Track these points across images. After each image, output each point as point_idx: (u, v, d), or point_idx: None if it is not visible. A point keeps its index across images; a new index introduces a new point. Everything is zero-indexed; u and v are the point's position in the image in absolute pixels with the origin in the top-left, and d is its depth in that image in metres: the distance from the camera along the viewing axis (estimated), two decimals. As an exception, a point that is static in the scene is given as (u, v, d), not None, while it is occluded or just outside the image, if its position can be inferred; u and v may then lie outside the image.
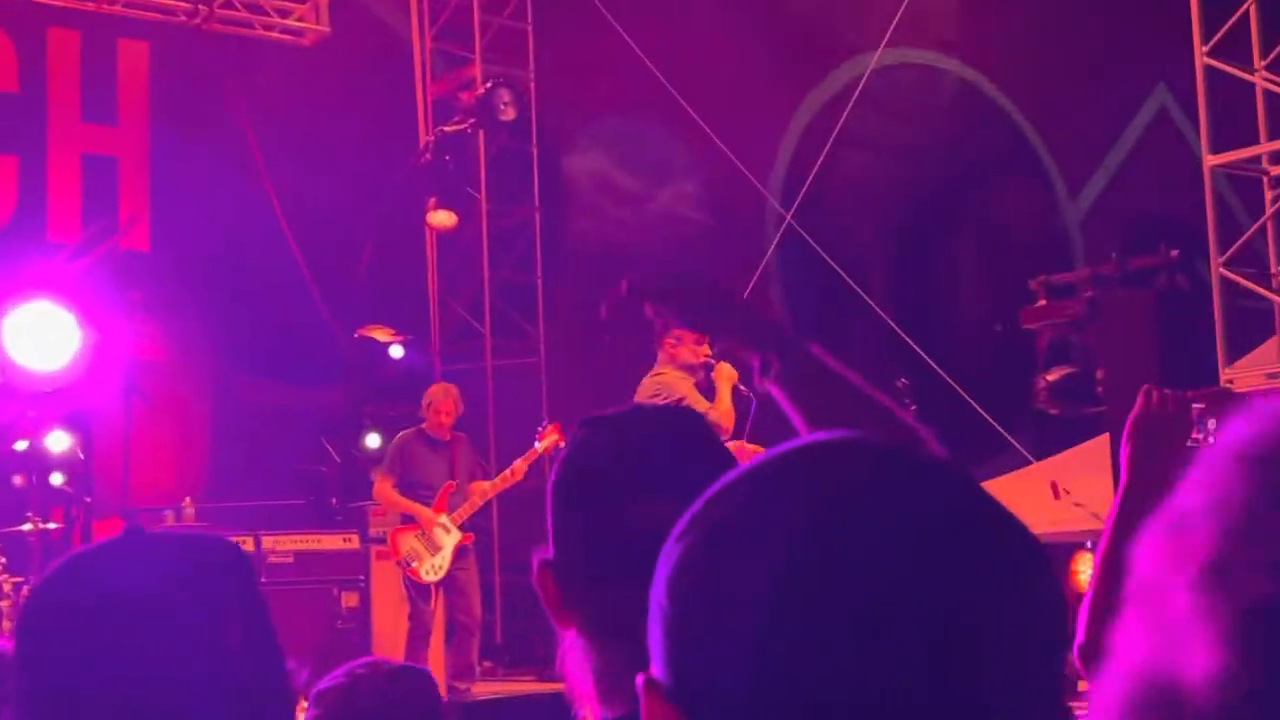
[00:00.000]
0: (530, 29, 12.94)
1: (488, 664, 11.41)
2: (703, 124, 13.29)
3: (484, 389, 12.16)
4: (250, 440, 11.39)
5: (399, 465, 9.33)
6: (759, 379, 1.79)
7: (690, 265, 14.49)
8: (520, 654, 11.48)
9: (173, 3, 11.56)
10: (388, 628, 9.62)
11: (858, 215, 15.83)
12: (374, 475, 9.62)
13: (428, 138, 11.21)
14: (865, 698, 0.81)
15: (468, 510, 9.22)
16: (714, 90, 14.57)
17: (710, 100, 14.34)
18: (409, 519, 9.23)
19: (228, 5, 11.62)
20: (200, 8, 11.45)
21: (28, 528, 8.06)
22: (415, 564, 9.13)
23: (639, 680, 0.89)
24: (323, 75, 12.04)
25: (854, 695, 0.81)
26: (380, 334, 10.62)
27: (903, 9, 12.48)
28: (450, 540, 9.17)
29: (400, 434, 9.56)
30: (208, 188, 12.08)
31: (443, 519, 9.16)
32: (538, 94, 12.87)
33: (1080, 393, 8.45)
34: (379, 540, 9.75)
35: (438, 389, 9.57)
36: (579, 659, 1.61)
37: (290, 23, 11.87)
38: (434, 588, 9.21)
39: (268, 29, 11.81)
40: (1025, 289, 9.13)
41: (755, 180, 13.85)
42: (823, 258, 13.76)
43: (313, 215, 11.91)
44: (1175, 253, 8.21)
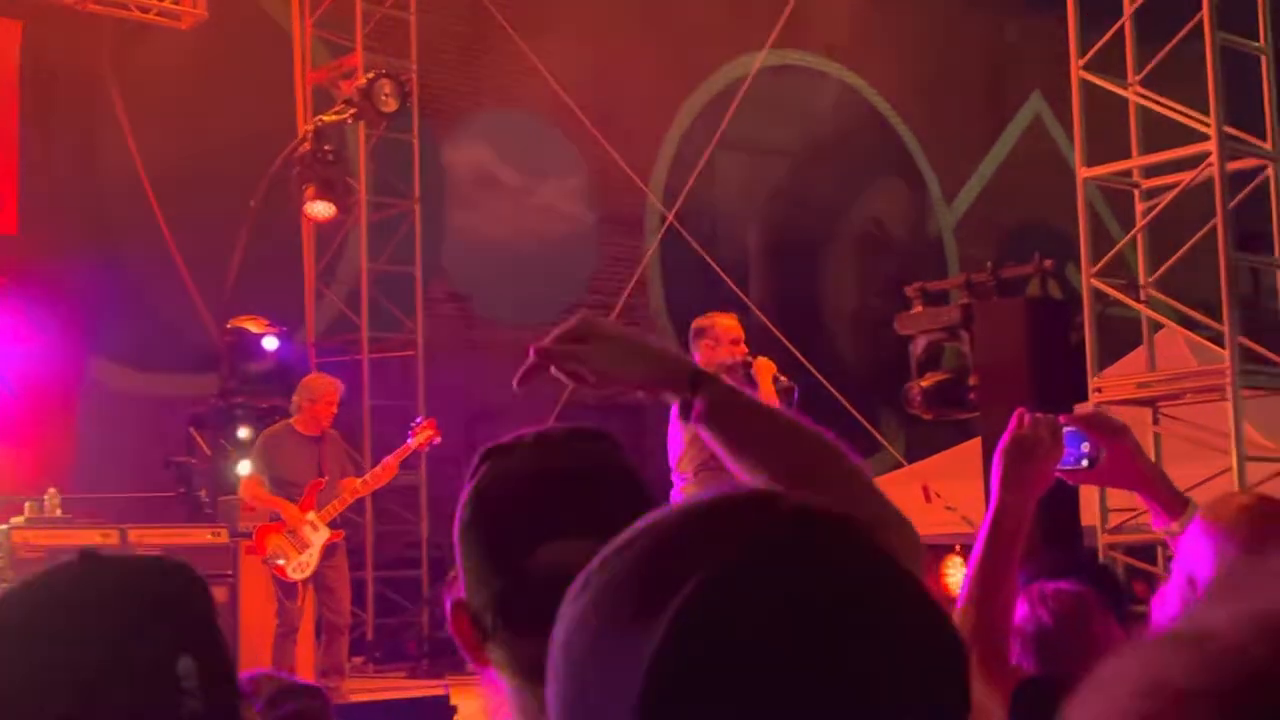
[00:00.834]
0: (413, 19, 12.83)
1: (358, 660, 11.32)
2: (585, 120, 13.27)
3: (360, 382, 12.04)
4: (118, 431, 11.17)
5: (267, 461, 9.17)
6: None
7: (572, 262, 14.48)
8: (391, 651, 11.41)
9: (47, -18, 11.30)
10: (256, 624, 9.47)
11: (739, 216, 15.92)
12: (242, 471, 9.46)
13: (306, 127, 11.05)
14: None
15: (337, 507, 9.09)
16: (598, 87, 14.55)
17: (594, 97, 14.33)
18: (277, 516, 9.09)
19: (104, -15, 11.38)
20: (75, -12, 11.20)
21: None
22: (282, 562, 8.99)
23: None
24: (200, 61, 11.84)
25: None
26: (253, 325, 10.45)
27: (787, 12, 12.56)
28: (318, 538, 9.03)
29: (268, 429, 9.39)
30: (79, 171, 11.83)
31: (310, 516, 9.02)
32: (420, 85, 12.77)
33: (953, 398, 8.55)
34: (248, 535, 9.60)
35: (327, 383, 9.36)
36: (500, 699, 1.56)
37: (168, 6, 11.64)
38: (301, 585, 9.08)
39: (144, 11, 11.57)
40: (902, 293, 9.23)
41: (637, 178, 13.86)
42: (703, 257, 13.81)
43: (187, 203, 11.72)
44: (1048, 262, 8.34)
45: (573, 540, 1.44)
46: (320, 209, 10.48)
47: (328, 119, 10.63)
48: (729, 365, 7.76)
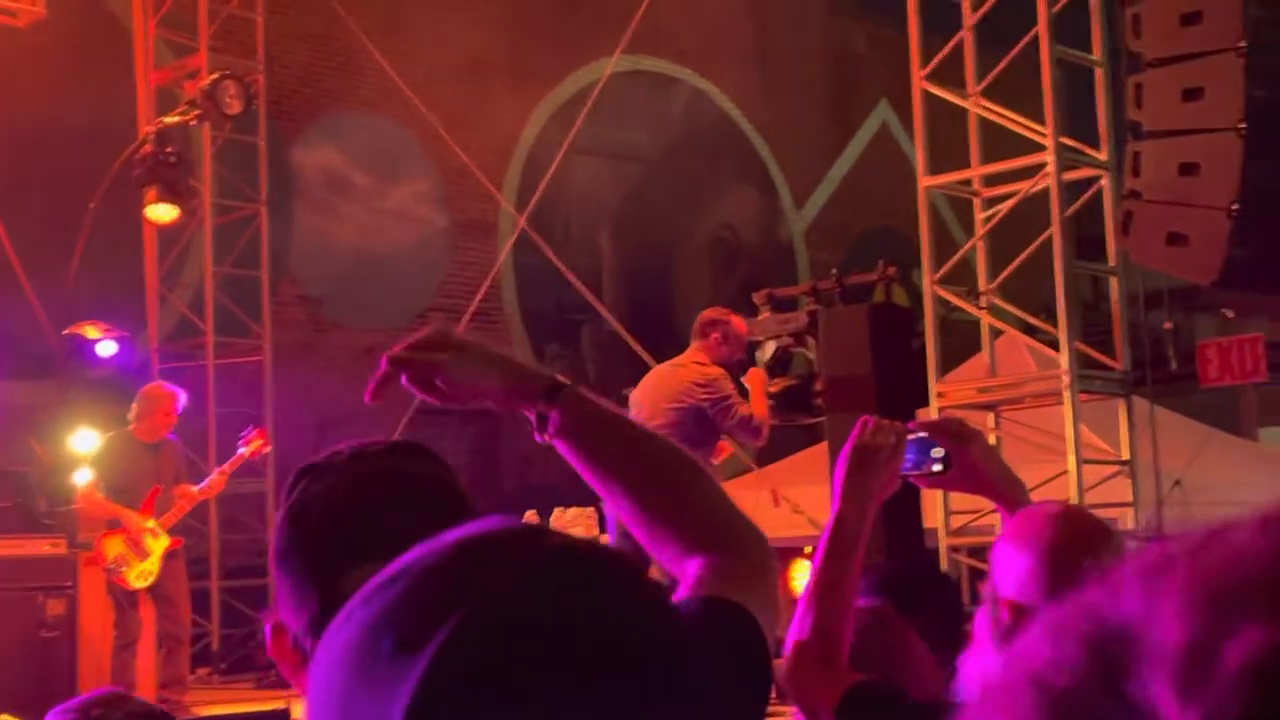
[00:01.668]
0: (259, 19, 12.64)
1: (204, 671, 11.13)
2: (435, 123, 13.18)
3: (205, 388, 11.84)
4: (-49, 439, 10.85)
5: (105, 469, 9.02)
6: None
7: (425, 266, 14.37)
8: (237, 662, 11.22)
9: (-126, -25, 10.94)
10: (95, 635, 9.28)
11: (592, 221, 15.93)
12: (80, 480, 9.25)
13: (149, 128, 10.82)
14: None
15: (175, 515, 8.97)
16: (450, 90, 14.46)
17: (446, 100, 14.23)
18: (115, 524, 8.93)
19: (-66, -19, 11.05)
20: (-96, -18, 10.86)
21: None
22: (123, 570, 8.84)
23: None
24: (38, 60, 11.55)
25: None
26: (91, 330, 10.21)
27: (638, 17, 12.59)
28: (159, 546, 8.90)
29: (107, 437, 9.23)
30: (-89, 172, 11.49)
31: (150, 524, 8.88)
32: (267, 86, 12.58)
33: (800, 403, 8.64)
34: (87, 546, 9.40)
35: (165, 392, 9.23)
36: None
37: (4, 4, 11.32)
38: (142, 595, 8.93)
39: (-21, 9, 11.26)
40: (750, 300, 9.30)
41: (489, 183, 13.79)
42: (555, 263, 13.79)
43: (25, 206, 11.42)
44: (892, 269, 8.46)
45: (388, 563, 1.42)
46: (162, 212, 10.26)
47: (170, 120, 10.42)
48: (727, 363, 7.88)
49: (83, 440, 10.38)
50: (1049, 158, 8.36)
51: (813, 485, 9.24)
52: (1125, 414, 8.61)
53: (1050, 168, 8.36)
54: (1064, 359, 8.28)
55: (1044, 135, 8.41)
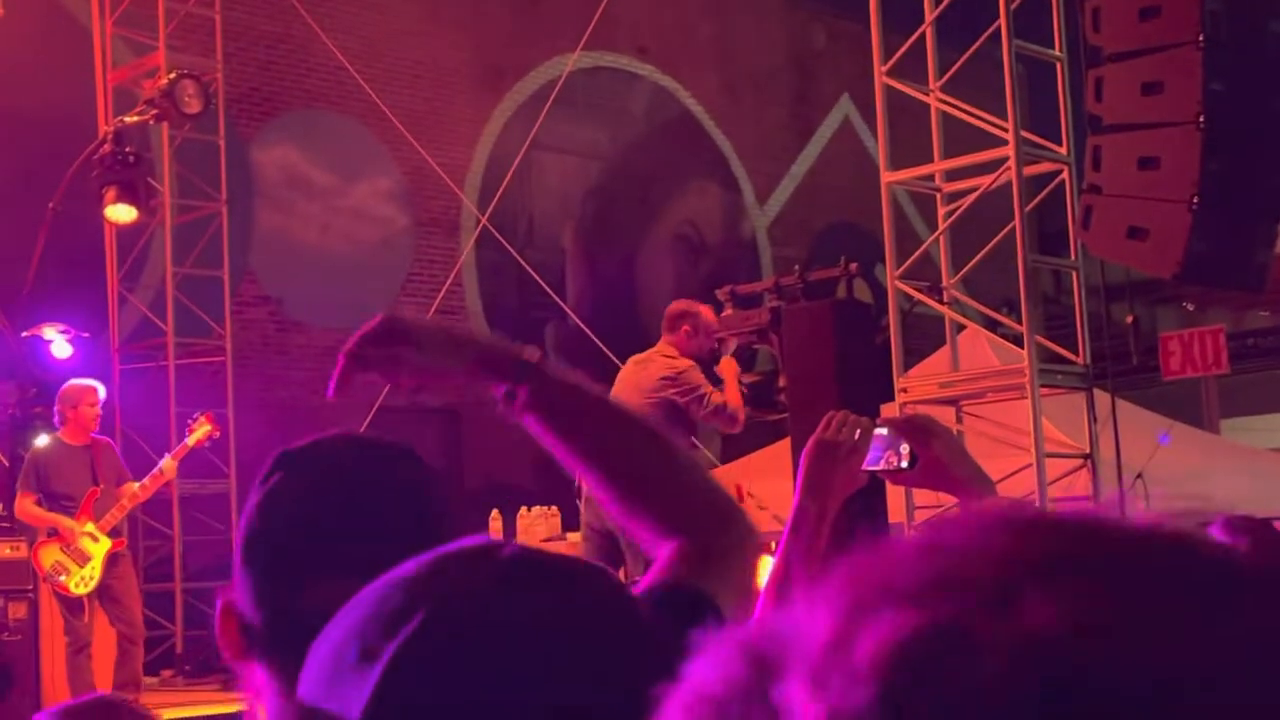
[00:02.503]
0: (218, 17, 12.56)
1: (168, 674, 11.07)
2: (395, 120, 13.13)
3: (166, 389, 11.77)
4: (-91, 442, 10.74)
5: (38, 477, 8.89)
6: (506, 410, 1.67)
7: (386, 264, 14.32)
8: (202, 664, 11.15)
9: None
10: (58, 639, 9.21)
11: (554, 218, 15.91)
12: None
13: (107, 128, 10.74)
14: None
15: (117, 515, 8.86)
16: (410, 88, 14.43)
17: (406, 98, 14.19)
18: (54, 532, 8.82)
19: (-112, -20, 10.94)
20: None
21: None
22: (63, 578, 8.74)
23: None
24: (-6, 58, 11.46)
25: None
26: (50, 331, 10.14)
27: (599, 13, 12.57)
28: (99, 549, 8.80)
29: (35, 446, 9.09)
30: None
31: (89, 527, 8.78)
32: (226, 85, 12.51)
33: (764, 399, 8.65)
34: (46, 549, 9.33)
35: (83, 387, 9.10)
36: (261, 701, 1.50)
37: (-42, 2, 11.23)
38: (86, 600, 8.83)
39: (-67, 8, 11.16)
40: (713, 296, 9.30)
41: (450, 180, 13.76)
42: (518, 260, 13.76)
43: (-19, 205, 11.33)
44: (854, 265, 8.47)
45: (349, 580, 1.41)
46: (121, 212, 10.18)
47: (129, 120, 10.34)
48: (700, 356, 7.89)
49: (43, 442, 10.30)
50: (1010, 152, 8.38)
51: (776, 480, 9.24)
52: (1088, 407, 8.64)
53: (1011, 162, 8.38)
54: (1026, 353, 8.31)
55: (1005, 130, 8.42)
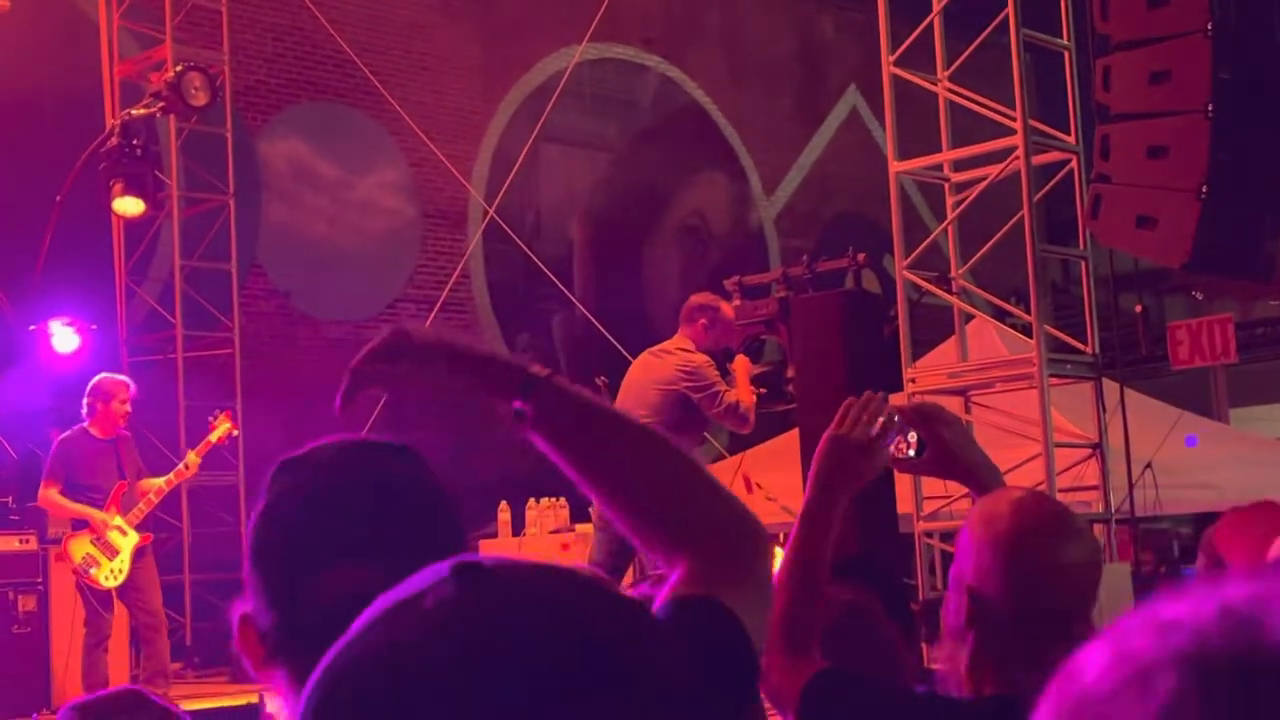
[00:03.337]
0: (224, 9, 12.56)
1: (177, 665, 11.08)
2: (403, 113, 13.12)
3: (174, 382, 11.78)
4: (-81, 435, 10.76)
5: (65, 468, 8.89)
6: (515, 428, 1.63)
7: (394, 257, 14.32)
8: (210, 655, 11.17)
9: None
10: (67, 631, 9.23)
11: (561, 209, 15.90)
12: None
13: (114, 121, 10.74)
14: None
15: (145, 509, 8.88)
16: (417, 78, 14.42)
17: (413, 89, 14.19)
18: (81, 524, 8.82)
19: (-105, -27, 10.94)
20: None
21: None
22: (94, 571, 8.74)
23: None
24: (3, 52, 11.45)
25: None
26: (58, 324, 10.15)
27: (605, 4, 12.54)
28: (128, 543, 8.80)
29: (63, 436, 9.09)
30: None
31: (117, 521, 8.79)
32: (233, 77, 12.51)
33: (772, 390, 8.63)
34: (58, 541, 9.34)
35: (116, 381, 9.13)
36: (288, 700, 1.51)
37: (-34, -5, 11.24)
38: (114, 594, 8.84)
39: (-59, 1, 11.16)
40: (722, 286, 9.28)
41: (457, 172, 13.75)
42: (526, 252, 13.76)
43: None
44: (861, 256, 8.45)
45: (359, 568, 1.41)
46: (128, 205, 10.19)
47: (136, 113, 10.34)
48: (714, 351, 7.88)
49: (53, 435, 10.32)
50: (1018, 141, 8.37)
51: (785, 472, 9.23)
52: (1096, 397, 8.62)
53: (1020, 152, 8.37)
54: (1035, 343, 8.29)
55: (1013, 119, 8.41)
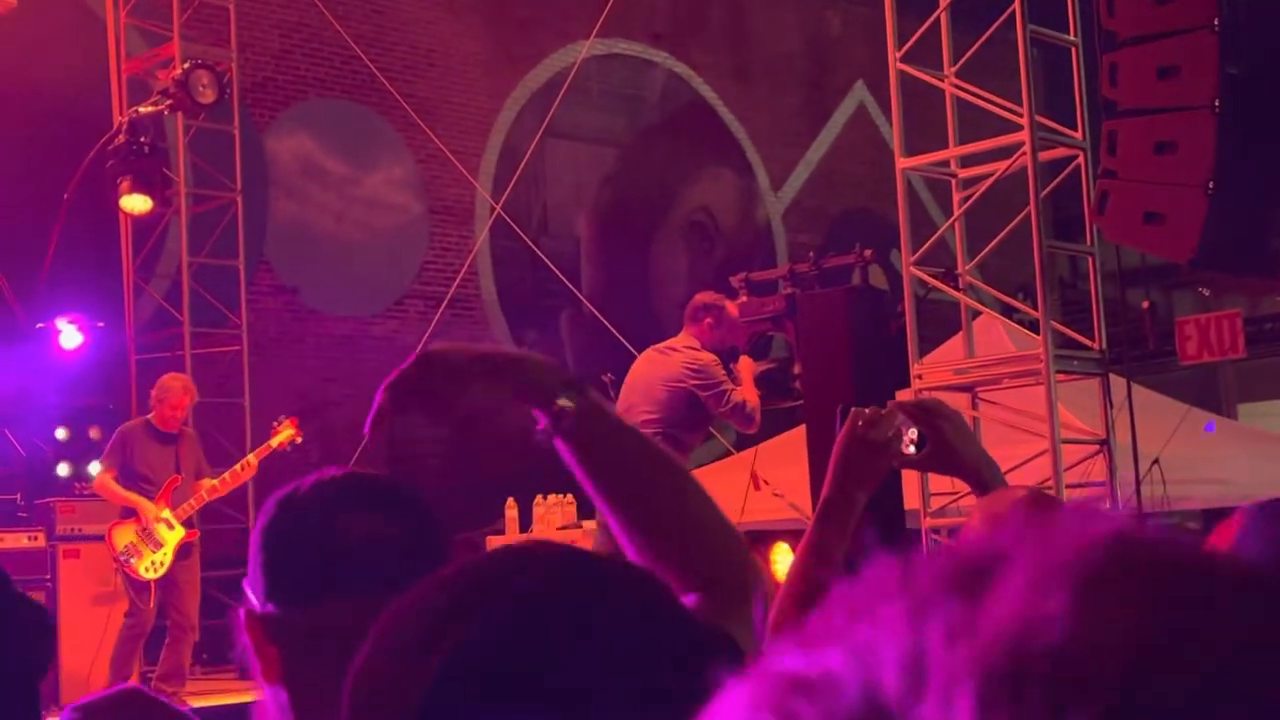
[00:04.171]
0: (232, 7, 12.57)
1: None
2: (409, 109, 13.13)
3: (182, 379, 11.78)
4: (-73, 432, 10.79)
5: (120, 456, 8.99)
6: (548, 435, 1.63)
7: (401, 252, 14.33)
8: (218, 652, 11.19)
9: None
10: (76, 628, 9.25)
11: (568, 205, 15.90)
12: (92, 470, 9.26)
13: (121, 118, 10.76)
14: None
15: (193, 506, 8.95)
16: (424, 74, 14.43)
17: (420, 85, 14.20)
18: (129, 512, 8.89)
19: (-98, -29, 10.96)
20: (-128, -27, 10.77)
21: None
22: (134, 560, 8.81)
23: None
24: (10, 50, 11.47)
25: None
26: (65, 321, 10.18)
27: (612, 0, 12.54)
28: (173, 537, 8.87)
29: (125, 424, 9.23)
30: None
31: (166, 514, 8.85)
32: (240, 74, 12.52)
33: (779, 386, 8.63)
34: (65, 538, 9.37)
35: (175, 382, 9.25)
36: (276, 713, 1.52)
37: (-27, -7, 11.25)
38: (153, 585, 8.89)
39: (-52, -2, 11.18)
40: (728, 283, 9.29)
41: (464, 168, 13.76)
42: (532, 248, 13.76)
43: (-2, 196, 11.37)
44: (868, 252, 8.45)
45: (359, 571, 1.44)
46: (136, 202, 10.22)
47: (143, 110, 10.37)
48: (720, 350, 7.89)
49: (60, 432, 10.36)
50: (1025, 138, 8.36)
51: (792, 467, 9.24)
52: (1104, 393, 8.62)
53: (1026, 148, 8.36)
54: (1042, 339, 8.29)
55: (1020, 115, 8.40)
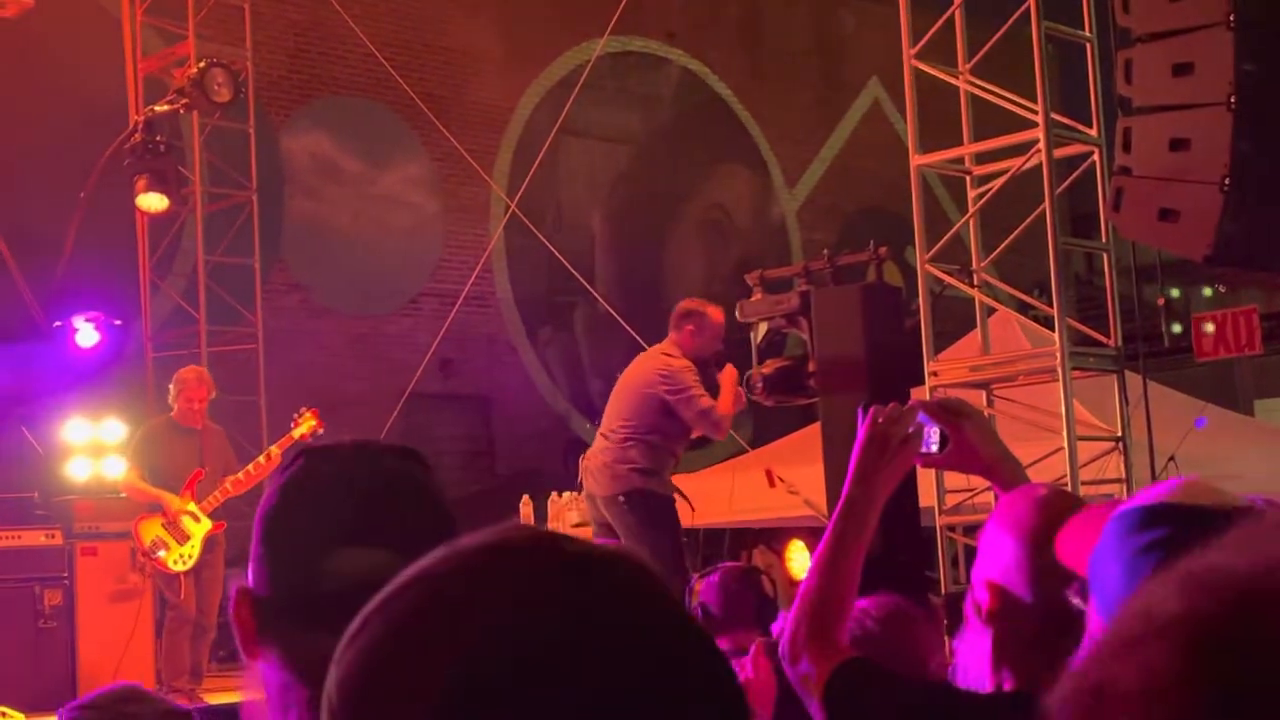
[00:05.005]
0: (247, 5, 12.60)
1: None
2: (424, 107, 13.15)
3: (198, 377, 11.82)
4: (-55, 430, 10.84)
5: (146, 454, 9.06)
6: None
7: (416, 250, 14.35)
8: (234, 648, 11.21)
9: None
10: (94, 625, 9.29)
11: (583, 203, 15.91)
12: (117, 468, 9.32)
13: (137, 117, 10.79)
14: None
15: (218, 498, 9.00)
16: (439, 72, 14.45)
17: (435, 83, 14.21)
18: (155, 507, 8.94)
19: (-80, -29, 11.00)
20: (-111, -27, 10.81)
21: None
22: (162, 553, 8.86)
23: None
24: (26, 49, 11.51)
25: None
26: (81, 319, 10.22)
27: (626, -1, 12.54)
28: (200, 529, 8.92)
29: (147, 423, 9.31)
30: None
31: (191, 507, 8.90)
32: (256, 72, 12.55)
33: (794, 384, 8.61)
34: (83, 536, 9.41)
35: (189, 373, 9.31)
36: (263, 693, 1.54)
37: (-9, -7, 11.29)
38: (182, 578, 8.94)
39: (-34, -1, 11.21)
40: (743, 281, 9.28)
41: (479, 166, 13.77)
42: (547, 247, 13.77)
43: (15, 195, 11.40)
44: (883, 249, 8.43)
45: (372, 550, 1.45)
46: (152, 201, 10.25)
47: (159, 109, 10.40)
48: (703, 358, 7.91)
49: (77, 431, 10.40)
50: (1040, 134, 8.34)
51: (807, 465, 9.24)
52: (1119, 390, 8.60)
53: (1041, 144, 8.34)
54: (1057, 336, 8.27)
55: (1035, 112, 8.38)
